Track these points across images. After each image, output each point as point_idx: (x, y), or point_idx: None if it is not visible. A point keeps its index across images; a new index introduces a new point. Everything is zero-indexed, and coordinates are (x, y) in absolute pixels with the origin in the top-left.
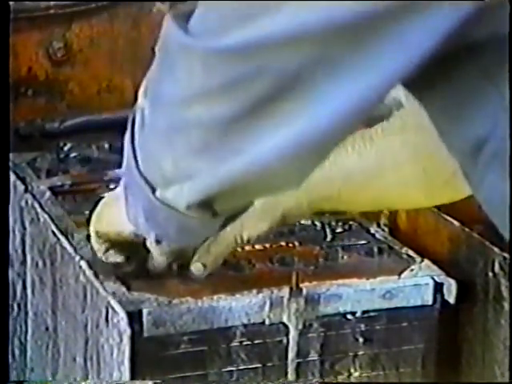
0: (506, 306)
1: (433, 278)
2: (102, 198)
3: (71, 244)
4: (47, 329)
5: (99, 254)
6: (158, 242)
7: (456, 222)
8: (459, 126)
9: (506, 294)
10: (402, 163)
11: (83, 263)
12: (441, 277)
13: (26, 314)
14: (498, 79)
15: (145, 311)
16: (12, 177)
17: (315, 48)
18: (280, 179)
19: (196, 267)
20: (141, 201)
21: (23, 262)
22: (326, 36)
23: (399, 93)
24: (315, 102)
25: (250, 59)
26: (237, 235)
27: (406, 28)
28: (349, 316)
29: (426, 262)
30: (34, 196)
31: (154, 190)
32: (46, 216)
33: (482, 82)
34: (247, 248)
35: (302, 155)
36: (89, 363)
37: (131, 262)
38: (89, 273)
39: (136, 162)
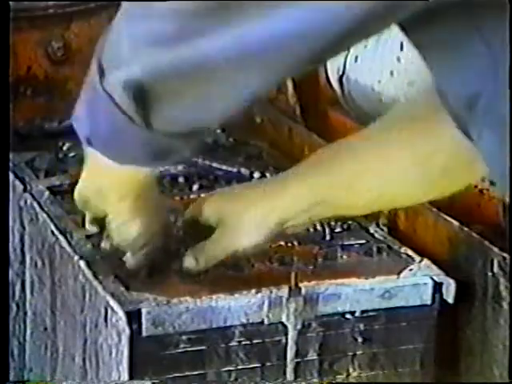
0: (505, 305)
1: (432, 278)
2: None
3: (70, 244)
4: (46, 329)
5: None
6: (88, 142)
7: (455, 222)
8: (453, 81)
9: (505, 293)
10: (399, 158)
11: (82, 263)
12: (440, 276)
13: (25, 313)
14: (489, 36)
15: (144, 311)
16: (11, 176)
17: None
18: (212, 88)
19: (188, 260)
20: (88, 92)
21: (22, 262)
22: None
23: (398, 93)
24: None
25: None
26: (233, 245)
27: None
28: (348, 316)
29: (425, 261)
30: (32, 196)
31: (102, 76)
32: (44, 216)
33: (473, 38)
34: None
35: (238, 62)
36: (87, 363)
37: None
38: (88, 272)
39: (101, 52)
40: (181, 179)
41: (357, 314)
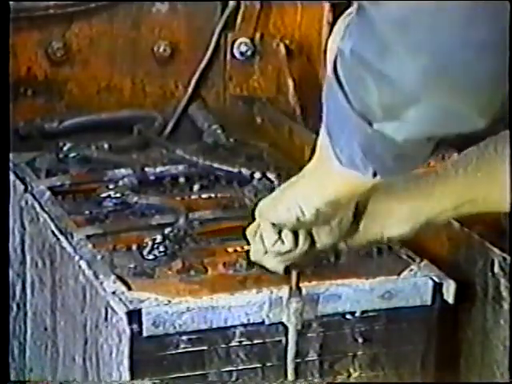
0: (506, 306)
1: (432, 279)
2: (101, 198)
3: (71, 244)
4: (46, 329)
5: (268, 245)
6: (374, 175)
7: (455, 223)
8: None
9: (505, 294)
10: None
11: (82, 263)
12: (440, 277)
13: (26, 314)
14: None
15: (144, 311)
16: (12, 177)
17: None
18: None
19: (342, 247)
20: (357, 137)
21: (23, 262)
22: None
23: None
24: None
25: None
26: (377, 233)
27: None
28: (348, 316)
29: (426, 262)
30: (33, 196)
31: (371, 125)
32: (45, 216)
33: None
34: (247, 247)
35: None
36: (88, 363)
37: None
38: (88, 272)
39: (348, 100)
40: (181, 179)
41: (357, 315)
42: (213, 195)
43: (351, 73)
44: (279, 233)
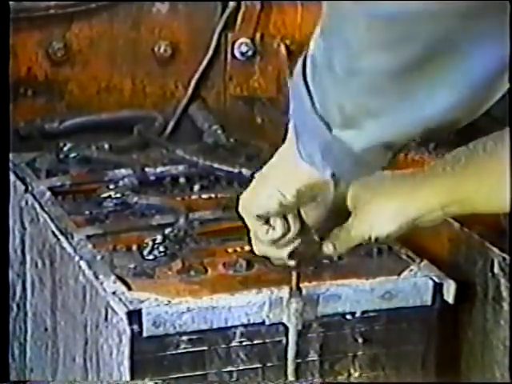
0: (506, 306)
1: (432, 279)
2: (102, 198)
3: (71, 244)
4: (46, 329)
5: (262, 236)
6: (333, 176)
7: (456, 223)
8: None
9: (505, 294)
10: None
11: (83, 263)
12: (440, 277)
13: (26, 314)
14: None
15: (144, 311)
16: (12, 177)
17: (457, 20)
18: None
19: (327, 247)
20: (317, 139)
21: (23, 262)
22: (467, 9)
23: None
24: (456, 69)
25: (402, 26)
26: (366, 232)
27: None
28: (348, 316)
29: (426, 262)
30: (33, 196)
31: (330, 129)
32: (45, 216)
33: None
34: (247, 248)
35: (459, 114)
36: (88, 363)
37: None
38: (88, 273)
39: (312, 102)
40: (182, 180)
41: (357, 315)
42: (213, 195)
43: (316, 76)
44: (268, 222)
